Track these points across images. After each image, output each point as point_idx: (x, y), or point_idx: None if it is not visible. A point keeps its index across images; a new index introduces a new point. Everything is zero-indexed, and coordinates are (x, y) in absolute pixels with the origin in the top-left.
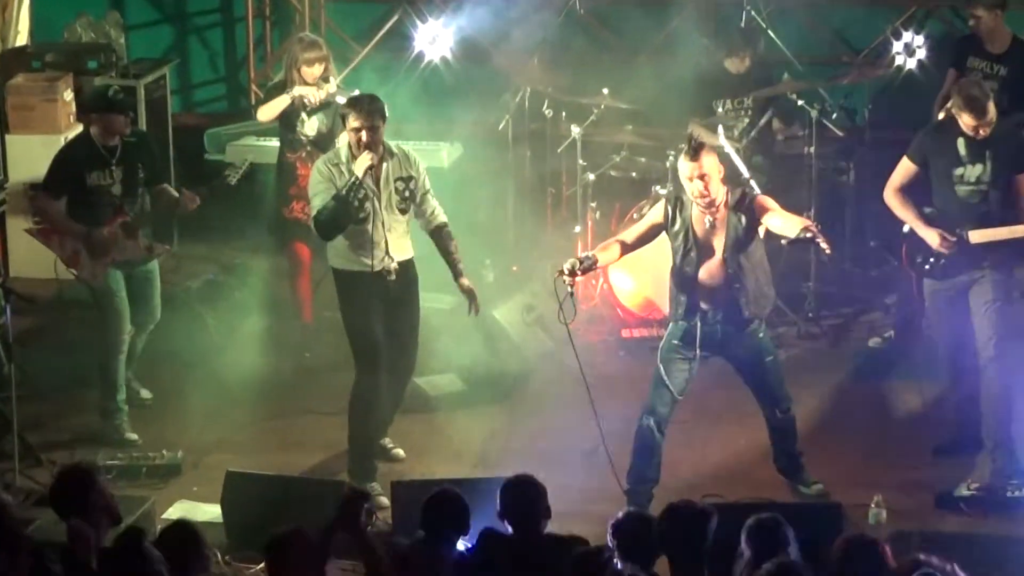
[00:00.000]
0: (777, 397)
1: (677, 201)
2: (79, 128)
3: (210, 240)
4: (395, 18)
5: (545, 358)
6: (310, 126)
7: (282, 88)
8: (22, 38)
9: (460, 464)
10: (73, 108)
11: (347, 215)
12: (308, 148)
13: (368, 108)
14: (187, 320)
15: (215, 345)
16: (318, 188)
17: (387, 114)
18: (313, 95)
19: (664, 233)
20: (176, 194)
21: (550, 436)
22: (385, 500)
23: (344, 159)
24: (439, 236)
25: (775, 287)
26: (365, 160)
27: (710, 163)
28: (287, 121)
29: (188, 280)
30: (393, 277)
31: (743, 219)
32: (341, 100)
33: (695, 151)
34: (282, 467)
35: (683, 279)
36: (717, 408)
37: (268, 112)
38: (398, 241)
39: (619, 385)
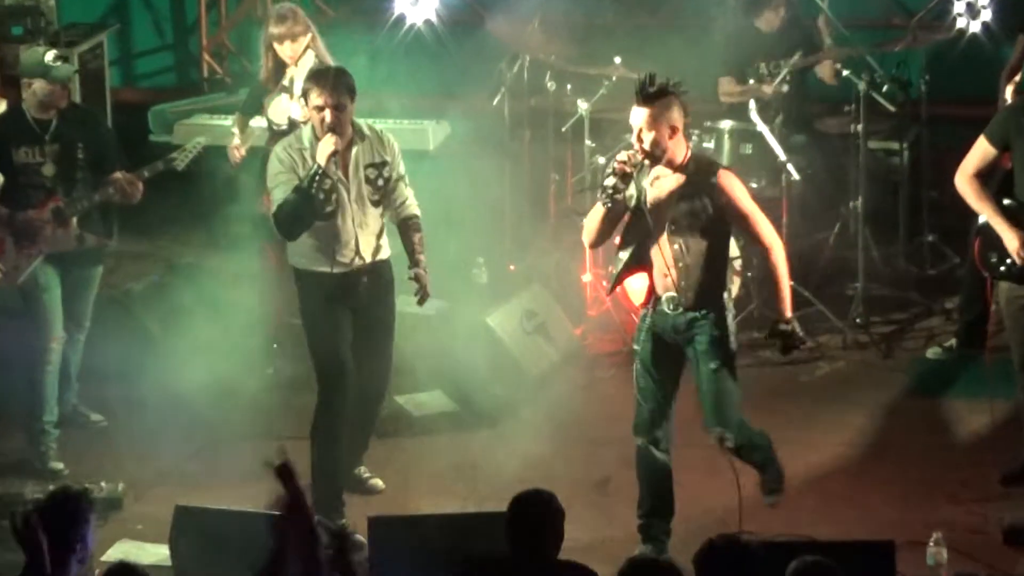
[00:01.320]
0: (712, 414)
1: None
2: (2, 104)
3: (153, 236)
4: None
5: (547, 372)
6: (278, 112)
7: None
8: None
9: (448, 496)
10: None
11: (311, 210)
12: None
13: (333, 83)
14: (127, 329)
15: (160, 358)
16: (278, 179)
17: (356, 90)
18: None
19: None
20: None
21: (551, 463)
22: (360, 538)
23: (307, 143)
24: (406, 227)
25: (818, 288)
26: (328, 145)
27: (662, 116)
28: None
29: (128, 282)
30: (364, 279)
31: (702, 196)
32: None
33: (646, 97)
34: (240, 501)
35: (636, 257)
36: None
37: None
38: (370, 239)
39: (632, 404)
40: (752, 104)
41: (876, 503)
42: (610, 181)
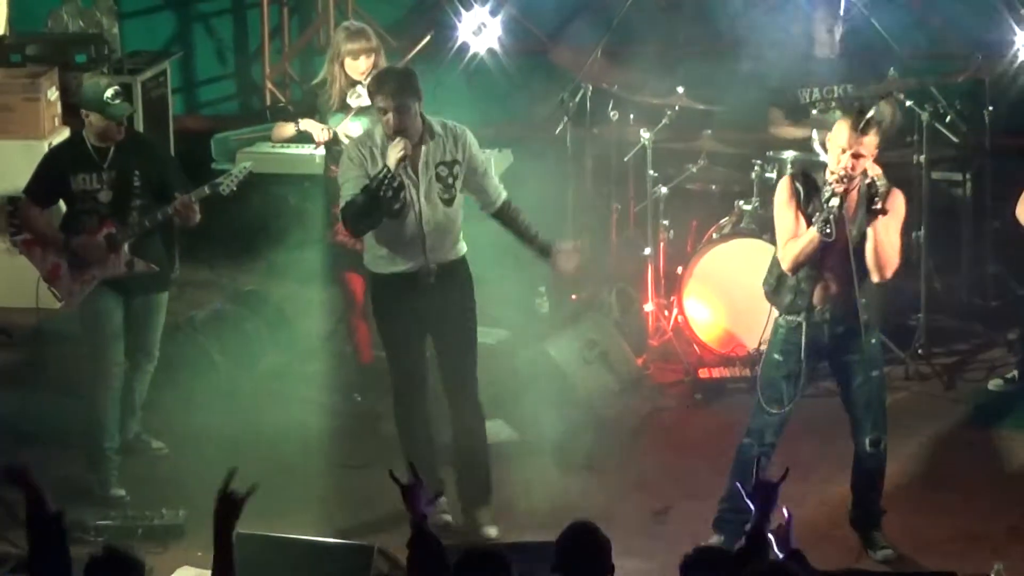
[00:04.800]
0: (874, 422)
1: (805, 178)
2: (65, 132)
3: (216, 263)
4: (434, 4)
5: (608, 402)
6: (350, 133)
7: (321, 88)
8: None
9: (507, 525)
10: (59, 109)
11: (378, 210)
12: None
13: (396, 85)
14: (189, 357)
15: (222, 386)
16: (348, 175)
17: (421, 90)
18: (319, 134)
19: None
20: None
21: (611, 494)
22: (448, 517)
23: (379, 141)
24: (505, 213)
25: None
26: (396, 150)
27: (871, 144)
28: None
29: (191, 310)
30: (433, 279)
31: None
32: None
33: (866, 125)
34: (301, 528)
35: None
36: (808, 459)
37: (278, 134)
38: (438, 238)
39: (695, 434)
40: (814, 134)
41: (936, 535)
42: (835, 202)
